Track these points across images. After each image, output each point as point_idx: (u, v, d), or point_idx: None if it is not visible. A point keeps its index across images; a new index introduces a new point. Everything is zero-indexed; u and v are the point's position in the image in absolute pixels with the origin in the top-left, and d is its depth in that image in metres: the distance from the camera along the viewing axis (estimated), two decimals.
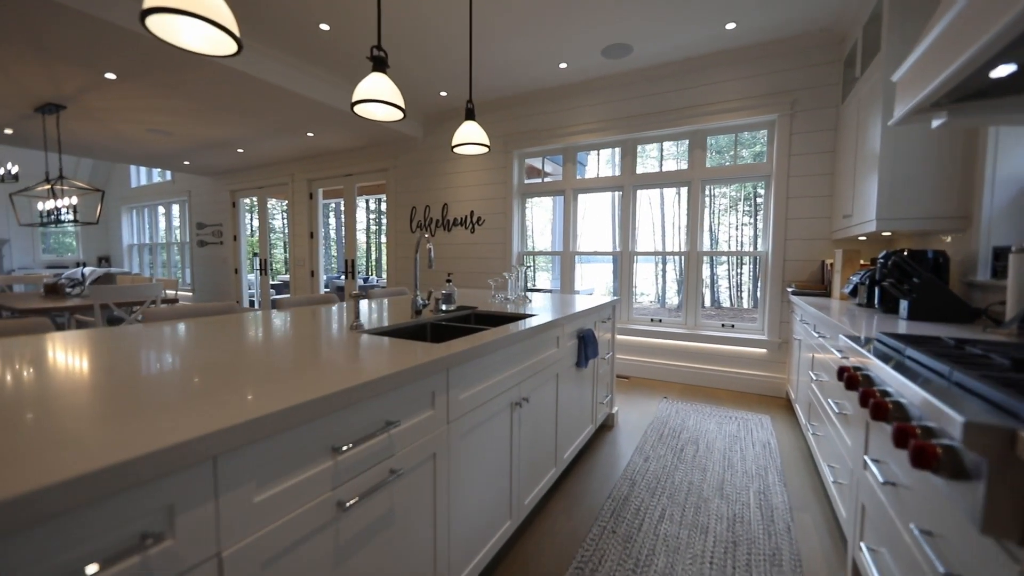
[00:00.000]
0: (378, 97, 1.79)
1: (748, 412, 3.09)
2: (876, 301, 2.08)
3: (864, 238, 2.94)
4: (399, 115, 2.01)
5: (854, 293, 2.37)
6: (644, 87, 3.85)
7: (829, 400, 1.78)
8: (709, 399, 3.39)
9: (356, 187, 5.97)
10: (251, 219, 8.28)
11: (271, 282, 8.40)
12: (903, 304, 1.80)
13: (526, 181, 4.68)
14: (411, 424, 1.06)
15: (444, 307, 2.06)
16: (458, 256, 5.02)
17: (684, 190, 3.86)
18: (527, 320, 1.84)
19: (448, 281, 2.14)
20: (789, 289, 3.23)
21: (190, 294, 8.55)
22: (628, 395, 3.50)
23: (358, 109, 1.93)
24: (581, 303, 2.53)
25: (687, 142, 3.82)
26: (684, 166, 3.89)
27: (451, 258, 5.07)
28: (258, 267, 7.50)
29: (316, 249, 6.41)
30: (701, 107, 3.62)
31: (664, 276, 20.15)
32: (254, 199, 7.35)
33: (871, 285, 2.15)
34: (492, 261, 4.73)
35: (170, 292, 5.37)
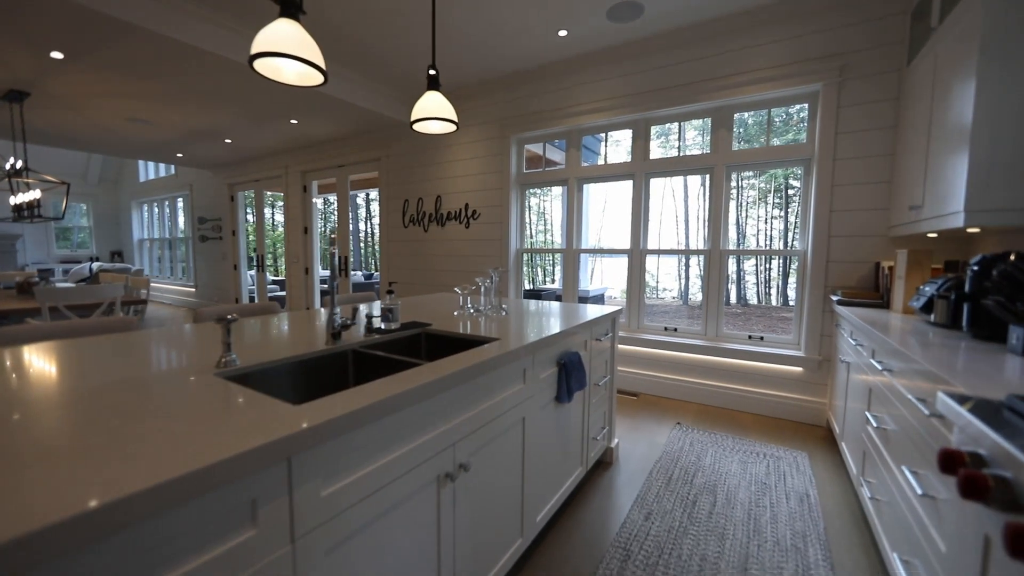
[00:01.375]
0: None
1: (779, 446, 2.54)
2: (964, 322, 1.52)
3: (935, 235, 2.34)
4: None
5: (927, 308, 1.80)
6: (658, 56, 3.29)
7: (905, 470, 1.25)
8: (731, 425, 2.85)
9: (349, 179, 5.59)
10: (252, 213, 8.06)
11: (273, 278, 8.18)
12: (1017, 333, 1.25)
13: (525, 171, 4.18)
14: (196, 566, 0.61)
15: (383, 326, 1.61)
16: (451, 254, 4.57)
17: (707, 178, 3.29)
18: (484, 346, 1.37)
19: (390, 292, 1.68)
20: (834, 297, 2.65)
21: (193, 290, 8.41)
22: (635, 418, 2.99)
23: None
24: (572, 315, 2.05)
25: (709, 121, 3.24)
26: (706, 150, 3.31)
27: (444, 255, 4.63)
28: (257, 263, 7.26)
29: (311, 244, 6.08)
30: (727, 78, 3.04)
31: (687, 271, 19.29)
32: (255, 193, 7.09)
33: (957, 301, 1.59)
34: (488, 259, 4.27)
35: (155, 289, 5.12)
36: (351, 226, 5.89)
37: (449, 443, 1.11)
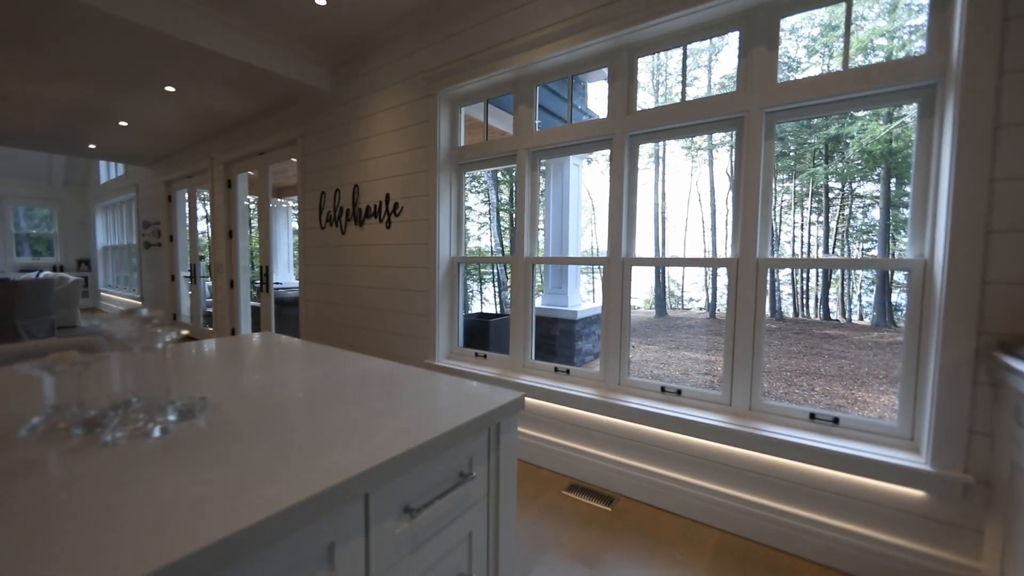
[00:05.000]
0: None
1: None
2: None
3: None
4: None
5: None
6: None
7: None
8: None
9: (270, 169, 4.44)
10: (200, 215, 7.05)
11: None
12: None
13: (461, 145, 2.89)
14: None
15: None
16: (370, 263, 3.31)
17: (732, 141, 1.92)
18: None
19: None
20: (1008, 359, 1.23)
21: (139, 303, 7.47)
22: (601, 547, 1.62)
23: None
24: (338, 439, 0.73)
25: (736, 37, 1.88)
26: (731, 87, 1.93)
27: (362, 266, 3.37)
28: (205, 273, 6.22)
29: (235, 252, 4.95)
30: None
31: (714, 281, 17.51)
32: (188, 191, 6.06)
33: None
34: (413, 272, 2.99)
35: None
36: (285, 229, 4.75)
37: None
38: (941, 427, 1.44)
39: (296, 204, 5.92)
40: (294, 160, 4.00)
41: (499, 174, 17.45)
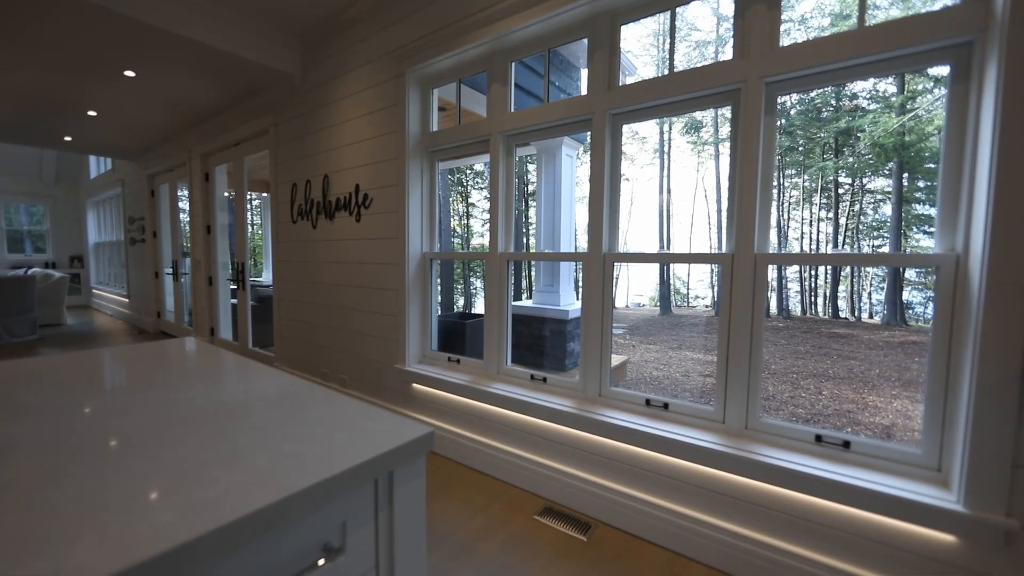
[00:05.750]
0: None
1: None
2: None
3: None
4: None
5: None
6: None
7: None
8: None
9: (246, 161, 4.22)
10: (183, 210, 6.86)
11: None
12: None
13: (434, 129, 2.65)
14: None
15: None
16: (340, 260, 3.08)
17: (728, 118, 1.66)
18: None
19: None
20: None
21: (127, 300, 7.32)
22: None
23: None
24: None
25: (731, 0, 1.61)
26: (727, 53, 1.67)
27: (332, 263, 3.14)
28: (188, 270, 6.04)
29: (214, 248, 4.75)
30: None
31: (720, 276, 17.17)
32: (168, 185, 5.87)
33: None
34: (383, 269, 2.75)
35: None
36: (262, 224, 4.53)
37: None
38: (978, 458, 1.17)
39: None
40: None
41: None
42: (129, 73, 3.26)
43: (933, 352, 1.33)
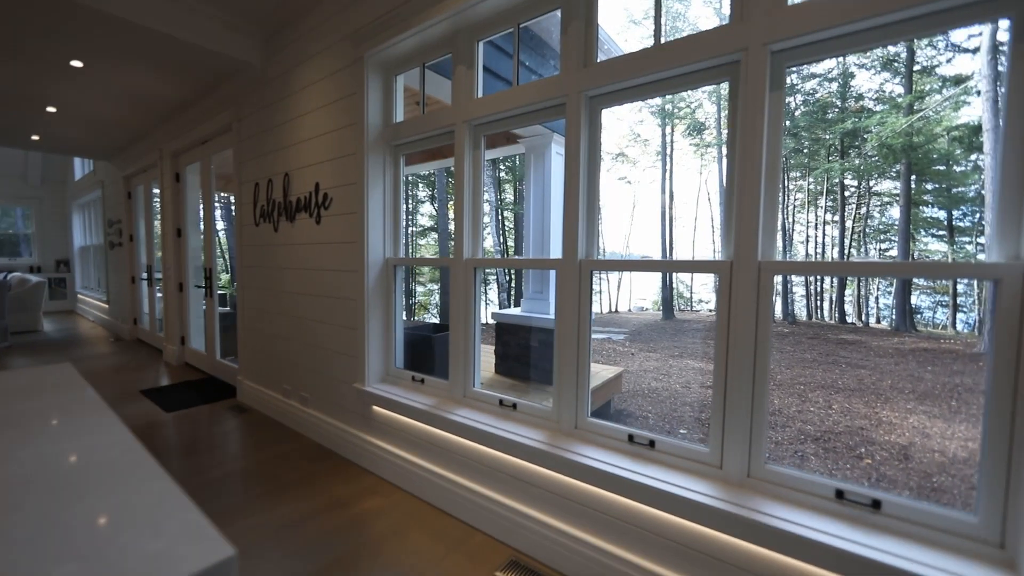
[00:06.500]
0: None
1: None
2: None
3: None
4: None
5: None
6: None
7: None
8: None
9: (213, 159, 3.96)
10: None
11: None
12: None
13: (398, 120, 2.37)
14: None
15: None
16: (299, 266, 2.80)
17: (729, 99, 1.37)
18: None
19: None
20: None
21: (106, 305, 7.08)
22: None
23: None
24: None
25: None
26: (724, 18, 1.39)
27: (292, 269, 2.87)
28: (147, 276, 5.77)
29: (183, 252, 4.48)
30: None
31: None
32: (143, 186, 5.63)
33: None
34: (345, 277, 2.47)
35: None
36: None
37: None
38: None
39: None
40: None
41: (501, 172, 16.93)
42: (76, 63, 3.00)
43: (993, 386, 1.02)
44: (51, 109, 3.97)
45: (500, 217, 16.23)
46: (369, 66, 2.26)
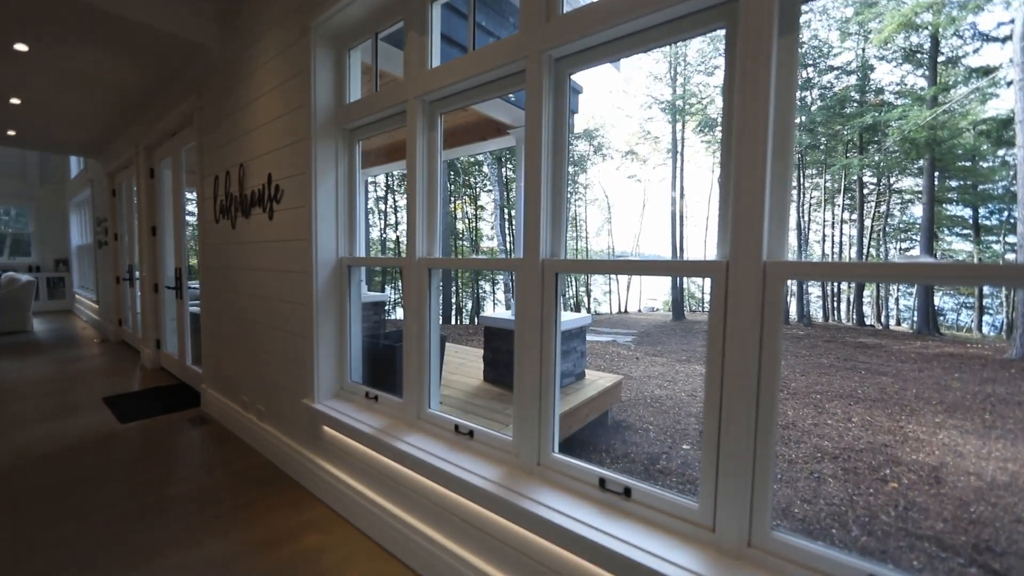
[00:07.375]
0: None
1: None
2: None
3: None
4: None
5: None
6: None
7: None
8: None
9: (184, 151, 3.73)
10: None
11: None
12: None
13: (352, 100, 2.08)
14: None
15: None
16: (252, 267, 2.54)
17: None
18: None
19: None
20: None
21: (96, 306, 6.94)
22: None
23: None
24: None
25: None
26: None
27: (246, 270, 2.60)
28: (128, 276, 5.58)
29: (158, 252, 4.27)
30: None
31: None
32: (124, 182, 5.45)
33: None
34: (295, 279, 2.19)
35: None
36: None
37: None
38: None
39: None
40: None
41: (506, 171, 16.62)
42: (21, 47, 2.78)
43: None
44: (15, 101, 3.77)
45: (506, 217, 15.91)
46: (317, 38, 1.98)
